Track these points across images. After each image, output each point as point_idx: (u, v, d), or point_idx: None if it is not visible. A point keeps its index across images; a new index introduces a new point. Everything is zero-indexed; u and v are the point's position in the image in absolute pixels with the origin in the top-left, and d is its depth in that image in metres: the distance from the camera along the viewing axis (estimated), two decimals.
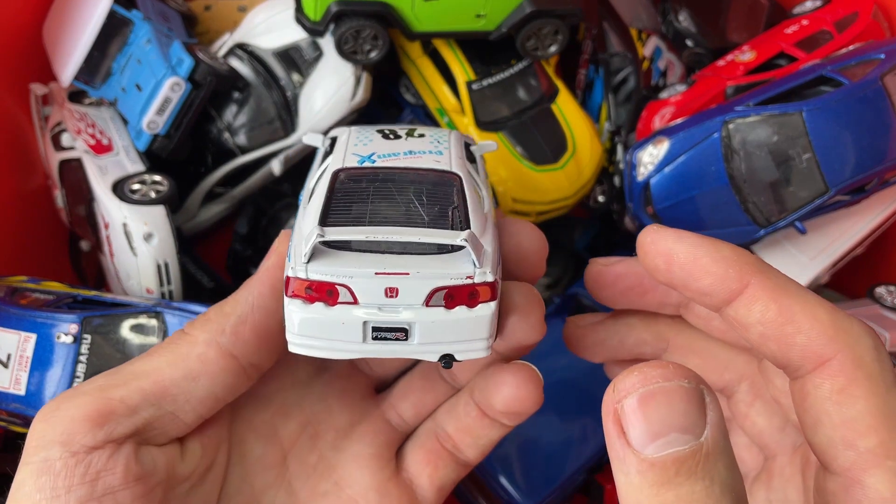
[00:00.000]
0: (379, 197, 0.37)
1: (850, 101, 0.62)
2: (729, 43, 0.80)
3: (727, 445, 0.28)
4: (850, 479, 0.30)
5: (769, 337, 0.33)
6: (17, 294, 0.63)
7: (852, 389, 0.31)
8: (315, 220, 0.35)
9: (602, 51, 0.82)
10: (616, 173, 0.78)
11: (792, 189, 0.64)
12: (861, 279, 0.75)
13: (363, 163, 0.39)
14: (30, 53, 0.76)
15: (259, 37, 0.75)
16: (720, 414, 0.28)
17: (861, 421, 0.30)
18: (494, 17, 0.71)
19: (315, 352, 0.34)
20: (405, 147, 0.41)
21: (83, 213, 0.73)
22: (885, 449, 0.30)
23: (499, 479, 0.70)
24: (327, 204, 0.36)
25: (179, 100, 0.68)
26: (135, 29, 0.70)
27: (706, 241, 0.35)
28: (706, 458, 0.27)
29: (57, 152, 0.73)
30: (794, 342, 0.32)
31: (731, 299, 0.34)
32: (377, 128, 0.44)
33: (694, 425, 0.27)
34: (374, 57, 0.71)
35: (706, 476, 0.26)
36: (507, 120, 0.76)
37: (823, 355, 0.31)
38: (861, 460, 0.30)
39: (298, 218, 0.39)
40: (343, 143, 0.42)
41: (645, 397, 0.27)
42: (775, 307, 0.33)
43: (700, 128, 0.67)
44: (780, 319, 0.33)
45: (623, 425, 0.27)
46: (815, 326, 0.32)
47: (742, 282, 0.33)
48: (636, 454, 0.27)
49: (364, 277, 0.33)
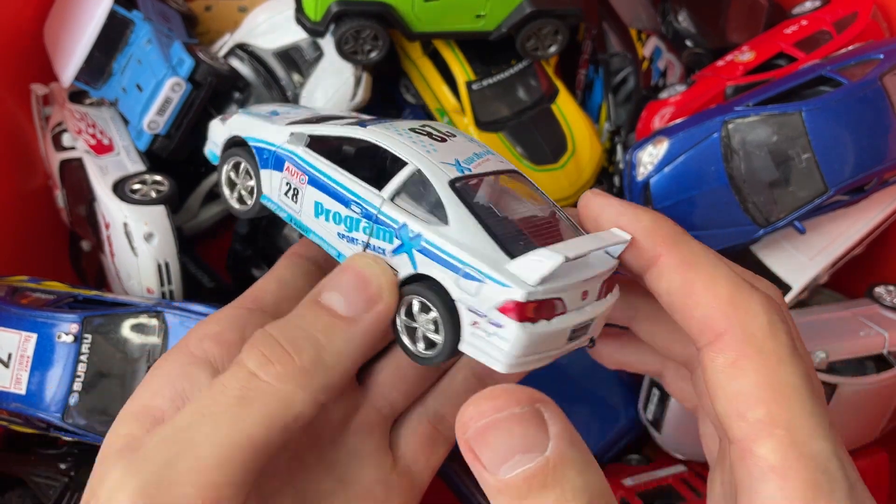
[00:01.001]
0: (513, 206, 0.38)
1: (850, 102, 0.62)
2: (728, 43, 0.80)
3: (576, 452, 0.29)
4: (742, 448, 0.32)
5: (674, 308, 0.35)
6: (17, 294, 0.63)
7: (742, 363, 0.32)
8: (491, 245, 0.34)
9: (602, 51, 0.82)
10: (616, 173, 0.78)
11: (791, 189, 0.64)
12: (860, 279, 0.75)
13: (462, 171, 0.38)
14: (31, 54, 0.77)
15: (259, 37, 0.75)
16: (564, 425, 0.29)
17: (750, 393, 0.32)
18: (494, 18, 0.71)
19: (527, 367, 0.35)
20: (467, 150, 0.40)
21: (84, 212, 0.73)
22: (773, 419, 0.31)
23: None
24: (487, 226, 0.35)
25: (180, 100, 0.68)
26: (135, 29, 0.70)
27: (629, 209, 0.36)
28: (554, 469, 0.28)
29: (58, 152, 0.74)
30: (692, 315, 0.34)
31: (647, 268, 0.36)
32: (408, 125, 0.41)
33: (534, 444, 0.29)
34: (374, 57, 0.71)
35: (556, 485, 0.28)
36: (507, 120, 0.76)
37: (717, 329, 0.33)
38: (751, 431, 0.32)
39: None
40: (405, 147, 0.38)
41: (484, 429, 0.29)
42: (679, 280, 0.35)
43: (700, 128, 0.67)
44: (682, 292, 0.34)
45: (475, 452, 0.29)
46: (711, 301, 0.34)
47: (655, 252, 0.35)
48: (492, 476, 0.29)
49: (574, 287, 0.34)
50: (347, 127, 0.41)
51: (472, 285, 0.34)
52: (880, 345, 0.66)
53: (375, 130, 0.39)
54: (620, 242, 0.36)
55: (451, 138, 0.41)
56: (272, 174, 0.43)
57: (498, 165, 0.40)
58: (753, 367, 0.32)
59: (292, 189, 0.41)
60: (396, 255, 0.37)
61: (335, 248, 0.40)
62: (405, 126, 0.41)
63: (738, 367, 0.33)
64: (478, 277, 0.33)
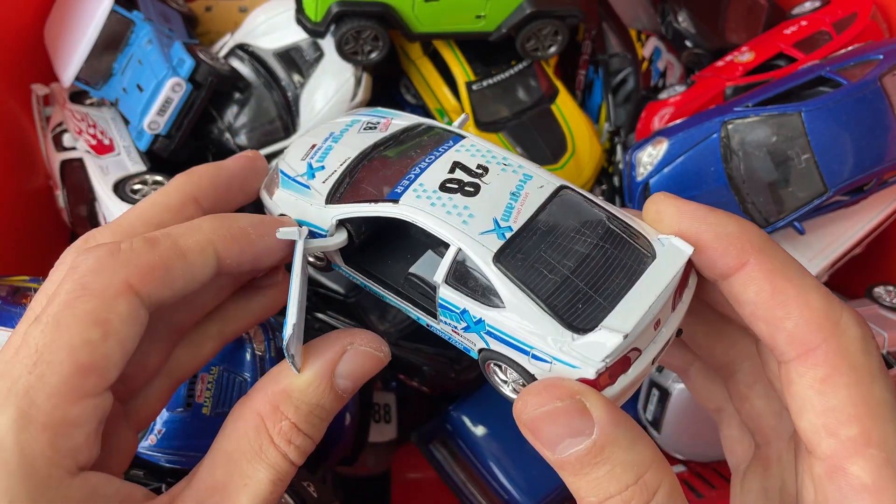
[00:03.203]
0: (562, 246, 0.36)
1: (849, 102, 0.62)
2: (728, 44, 0.80)
3: (622, 430, 0.32)
4: (833, 465, 0.32)
5: (759, 317, 0.34)
6: (18, 294, 0.63)
7: (835, 379, 0.32)
8: (551, 323, 0.34)
9: (601, 51, 0.82)
10: (615, 173, 0.78)
11: (791, 189, 0.64)
12: (860, 279, 0.76)
13: (503, 236, 0.36)
14: (31, 54, 0.77)
15: (260, 37, 0.75)
16: (608, 410, 0.32)
17: (843, 410, 0.32)
18: (494, 18, 0.71)
19: (626, 398, 0.36)
20: (503, 191, 0.38)
21: (84, 213, 0.73)
22: (867, 438, 0.31)
23: (499, 479, 0.70)
24: (542, 301, 0.34)
25: (180, 100, 0.68)
26: (136, 29, 0.70)
27: (710, 215, 0.35)
28: (601, 450, 0.32)
29: (58, 152, 0.74)
30: (782, 326, 0.33)
31: (730, 274, 0.35)
32: (441, 174, 0.39)
33: (580, 430, 0.32)
34: (374, 58, 0.71)
35: (606, 462, 0.32)
36: (507, 120, 0.76)
37: (809, 343, 0.33)
38: (843, 448, 0.32)
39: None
40: (440, 223, 0.37)
41: (533, 420, 0.33)
42: (769, 288, 0.34)
43: (699, 128, 0.67)
44: (771, 302, 0.34)
45: (534, 435, 0.33)
46: (804, 314, 0.33)
47: (741, 259, 0.34)
48: (551, 454, 0.33)
49: (645, 329, 0.34)
50: (382, 205, 0.38)
51: (543, 366, 0.34)
52: (880, 345, 0.66)
53: (408, 205, 0.38)
54: (683, 261, 0.35)
55: (483, 178, 0.38)
56: None
57: (538, 196, 0.38)
58: (846, 384, 0.32)
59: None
60: (468, 333, 0.37)
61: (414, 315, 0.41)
62: (435, 181, 0.38)
63: (829, 383, 0.32)
64: (546, 360, 0.34)
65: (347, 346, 0.37)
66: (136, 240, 0.36)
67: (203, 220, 0.38)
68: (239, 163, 0.44)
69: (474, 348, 0.38)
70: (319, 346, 0.38)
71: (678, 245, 0.35)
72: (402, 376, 0.79)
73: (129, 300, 0.34)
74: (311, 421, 0.37)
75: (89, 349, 0.33)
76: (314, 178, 0.42)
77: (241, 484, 0.35)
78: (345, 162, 0.43)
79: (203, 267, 0.36)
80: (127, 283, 0.34)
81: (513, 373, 0.37)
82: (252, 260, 0.39)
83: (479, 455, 0.71)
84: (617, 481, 0.31)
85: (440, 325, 0.39)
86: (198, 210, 0.41)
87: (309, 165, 0.43)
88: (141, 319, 0.35)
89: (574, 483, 0.33)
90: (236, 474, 0.35)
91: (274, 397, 0.36)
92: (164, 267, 0.35)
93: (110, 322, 0.33)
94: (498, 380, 0.38)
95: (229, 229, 0.38)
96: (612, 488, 0.31)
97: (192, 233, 0.37)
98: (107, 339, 0.33)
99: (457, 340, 0.39)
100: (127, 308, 0.34)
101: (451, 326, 0.38)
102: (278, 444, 0.36)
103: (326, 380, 0.36)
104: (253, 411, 0.36)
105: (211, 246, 0.37)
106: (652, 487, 0.32)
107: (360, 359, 0.38)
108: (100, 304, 0.33)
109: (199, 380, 0.61)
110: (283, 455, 0.36)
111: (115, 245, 0.35)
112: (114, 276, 0.34)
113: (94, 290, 0.34)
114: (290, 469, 0.36)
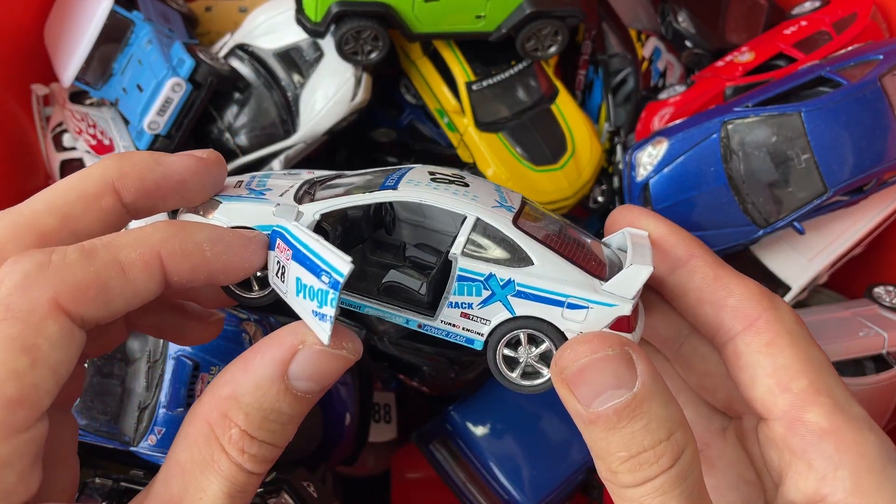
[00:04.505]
0: (551, 227, 0.40)
1: (849, 102, 0.62)
2: (728, 44, 0.80)
3: (659, 387, 0.33)
4: (791, 418, 0.36)
5: (704, 301, 0.39)
6: None
7: (778, 341, 0.37)
8: (580, 273, 0.37)
9: (601, 52, 0.82)
10: (615, 174, 0.78)
11: (791, 189, 0.64)
12: (860, 279, 0.76)
13: (511, 210, 0.39)
14: (31, 54, 0.77)
15: (260, 37, 0.75)
16: (649, 366, 0.34)
17: (791, 367, 0.36)
18: (494, 18, 0.71)
19: None
20: (488, 188, 0.41)
21: None
22: (815, 388, 0.36)
23: (499, 479, 0.70)
24: (565, 256, 0.37)
25: (180, 100, 0.69)
26: (136, 29, 0.70)
27: (665, 219, 0.41)
28: (640, 403, 0.33)
29: (58, 153, 0.74)
30: (726, 304, 0.38)
31: (678, 267, 0.40)
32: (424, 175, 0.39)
33: (624, 381, 0.33)
34: (374, 58, 0.71)
35: (643, 416, 0.33)
36: (507, 120, 0.76)
37: (751, 315, 0.38)
38: (798, 400, 0.36)
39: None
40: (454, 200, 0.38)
41: (580, 369, 0.33)
42: (713, 275, 0.39)
43: (699, 128, 0.67)
44: (715, 285, 0.39)
45: (571, 389, 0.34)
46: (744, 291, 0.38)
47: (689, 252, 0.40)
48: (586, 409, 0.33)
49: None
50: (379, 192, 0.38)
51: (579, 314, 0.36)
52: (880, 345, 0.66)
53: (411, 189, 0.38)
54: (646, 237, 0.40)
55: (468, 179, 0.41)
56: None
57: (516, 197, 0.41)
58: (788, 345, 0.36)
59: (280, 267, 0.38)
60: (487, 306, 0.37)
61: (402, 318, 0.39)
62: (423, 178, 0.39)
63: (774, 345, 0.37)
64: (584, 305, 0.36)
65: (298, 346, 0.34)
66: (70, 251, 0.32)
67: (153, 228, 0.34)
68: (184, 162, 0.38)
69: (484, 331, 0.38)
70: (267, 344, 0.34)
71: (634, 231, 0.40)
72: (402, 376, 0.79)
73: (60, 321, 0.30)
74: (266, 427, 0.33)
75: (16, 381, 0.29)
76: (265, 195, 0.40)
77: (195, 497, 0.33)
78: (293, 186, 0.41)
79: (146, 284, 0.33)
80: (55, 302, 0.30)
81: (530, 347, 0.37)
82: (205, 279, 0.35)
83: (479, 455, 0.71)
84: (651, 436, 0.32)
85: (439, 318, 0.38)
86: (116, 204, 0.36)
87: (250, 189, 0.41)
88: (76, 340, 0.31)
89: (604, 439, 0.33)
90: (191, 487, 0.33)
91: (221, 403, 0.33)
92: (100, 285, 0.32)
93: (39, 348, 0.30)
94: (504, 366, 0.38)
95: (182, 244, 0.34)
96: (647, 442, 0.32)
97: (137, 244, 0.33)
98: (36, 367, 0.30)
99: (458, 332, 0.38)
100: (58, 330, 0.30)
101: (464, 307, 0.37)
102: (230, 453, 0.33)
103: (277, 382, 0.33)
104: (202, 418, 0.34)
105: (157, 261, 0.33)
106: (680, 446, 0.33)
107: (317, 358, 0.34)
108: (26, 329, 0.30)
109: (199, 380, 0.61)
110: (236, 465, 0.33)
111: (46, 257, 0.31)
112: (41, 295, 0.30)
113: (19, 312, 0.30)
114: (249, 479, 0.34)
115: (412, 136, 0.85)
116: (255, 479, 0.34)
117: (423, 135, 0.85)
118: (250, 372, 0.34)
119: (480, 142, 0.75)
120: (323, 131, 0.73)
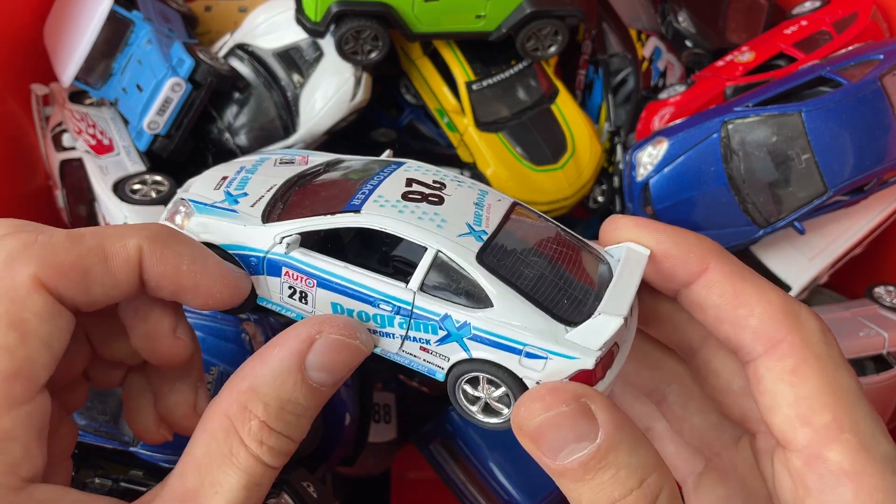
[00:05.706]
0: (534, 244, 0.37)
1: (849, 102, 0.62)
2: (728, 44, 0.80)
3: (625, 435, 0.32)
4: (810, 454, 0.33)
5: (724, 319, 0.35)
6: None
7: (803, 369, 0.33)
8: (542, 318, 0.34)
9: (601, 51, 0.82)
10: (615, 173, 0.78)
11: (791, 189, 0.64)
12: (860, 279, 0.76)
13: (480, 238, 0.36)
14: (31, 54, 0.77)
15: (259, 37, 0.75)
16: (612, 414, 0.32)
17: (814, 399, 0.33)
18: (494, 18, 0.71)
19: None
20: (467, 202, 0.38)
21: (84, 213, 0.73)
22: (839, 423, 0.32)
23: (499, 480, 0.70)
24: (530, 296, 0.34)
25: (180, 100, 0.68)
26: (135, 29, 0.70)
27: (667, 227, 0.37)
28: (605, 454, 0.31)
29: (58, 152, 0.74)
30: (746, 324, 0.35)
31: (691, 281, 0.36)
32: (396, 187, 0.38)
33: (585, 434, 0.31)
34: (374, 57, 0.71)
35: (610, 467, 0.31)
36: (507, 120, 0.76)
37: (774, 337, 0.34)
38: (819, 436, 0.32)
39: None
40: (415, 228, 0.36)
41: (538, 425, 0.32)
42: (731, 290, 0.35)
43: (699, 128, 0.67)
44: (735, 302, 0.35)
45: (534, 443, 0.32)
46: (766, 310, 0.34)
47: (702, 265, 0.36)
48: (552, 462, 0.32)
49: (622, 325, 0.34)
50: (341, 216, 0.37)
51: (537, 363, 0.34)
52: (880, 345, 0.66)
53: (373, 214, 0.36)
54: (645, 259, 0.36)
55: (443, 191, 0.38)
56: (267, 279, 0.39)
57: (500, 207, 0.38)
58: (814, 374, 0.33)
59: (298, 292, 0.38)
60: (444, 344, 0.35)
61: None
62: (395, 192, 0.37)
63: (799, 374, 0.33)
64: (541, 355, 0.33)
65: (316, 336, 0.35)
66: (57, 232, 0.33)
67: (144, 226, 0.36)
68: None
69: (444, 365, 0.36)
70: (284, 337, 0.35)
71: (635, 248, 0.37)
72: (401, 376, 0.79)
73: (44, 296, 0.32)
74: (283, 418, 0.34)
75: (8, 355, 0.30)
76: (238, 204, 0.40)
77: (211, 491, 0.33)
78: (271, 188, 0.40)
79: (127, 277, 0.34)
80: (37, 278, 0.32)
81: (489, 387, 0.36)
82: (171, 292, 0.36)
83: (479, 455, 0.71)
84: (621, 485, 0.31)
85: (401, 349, 0.37)
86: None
87: (227, 193, 0.40)
88: (64, 315, 0.32)
89: (575, 490, 0.32)
90: (207, 480, 0.33)
91: (241, 396, 0.34)
92: (81, 268, 0.33)
93: (26, 322, 0.31)
94: (465, 401, 0.37)
95: (164, 248, 0.35)
96: (616, 493, 0.31)
97: (124, 237, 0.34)
98: (26, 341, 0.31)
99: (419, 363, 0.37)
100: (43, 304, 0.32)
101: (422, 342, 0.36)
102: (249, 445, 0.33)
103: (295, 373, 0.34)
104: (221, 413, 0.34)
105: (138, 257, 0.34)
106: (654, 491, 0.31)
107: (333, 348, 0.35)
108: (11, 305, 0.31)
109: None
110: (254, 457, 0.34)
111: (32, 237, 0.33)
112: (23, 271, 0.32)
113: (2, 289, 0.31)
114: (266, 472, 0.34)
115: (412, 136, 0.85)
116: (271, 473, 0.35)
117: (423, 135, 0.85)
118: (268, 364, 0.34)
119: (480, 142, 0.75)
120: (323, 131, 0.73)
